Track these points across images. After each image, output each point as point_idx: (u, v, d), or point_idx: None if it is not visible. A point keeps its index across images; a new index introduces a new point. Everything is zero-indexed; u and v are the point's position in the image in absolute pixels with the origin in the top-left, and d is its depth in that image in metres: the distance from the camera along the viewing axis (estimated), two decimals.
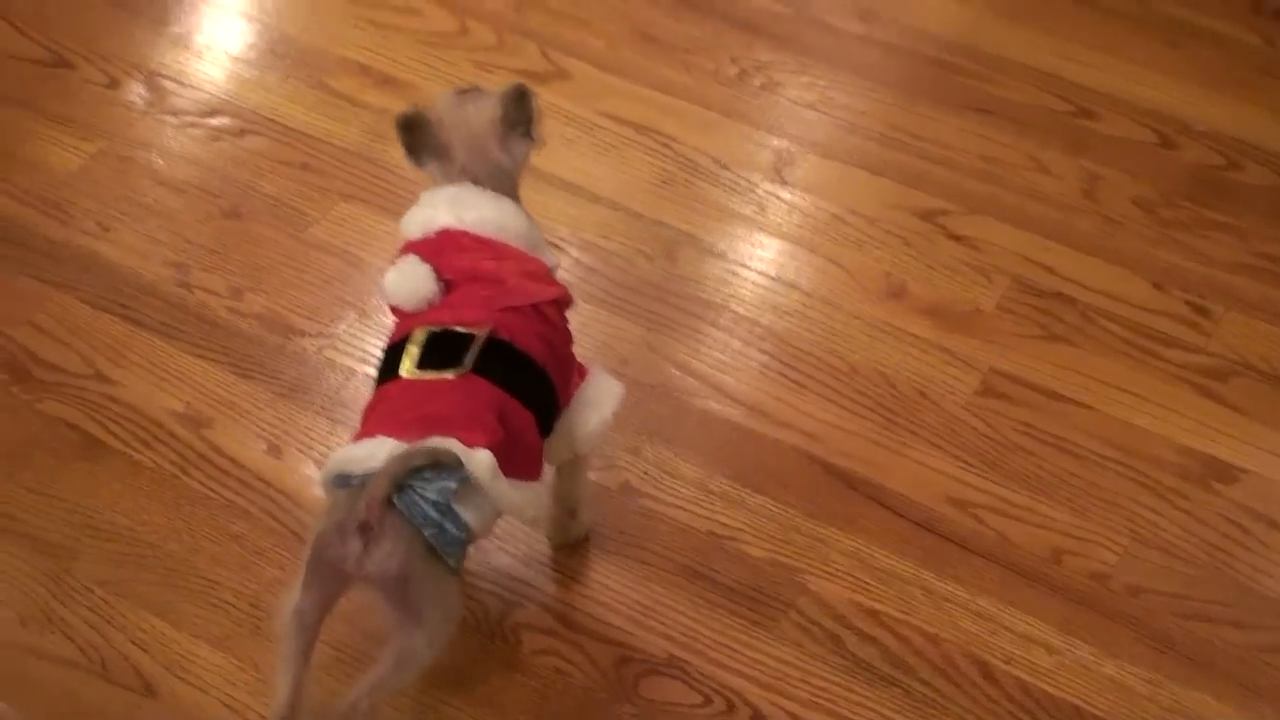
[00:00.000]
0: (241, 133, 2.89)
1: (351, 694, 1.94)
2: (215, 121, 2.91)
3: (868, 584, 2.32)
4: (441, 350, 2.02)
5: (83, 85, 2.97)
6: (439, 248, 2.12)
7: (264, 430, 2.46)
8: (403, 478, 1.89)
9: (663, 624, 2.27)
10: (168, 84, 2.98)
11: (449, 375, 1.99)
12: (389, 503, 1.89)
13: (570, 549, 2.32)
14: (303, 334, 2.58)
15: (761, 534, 2.37)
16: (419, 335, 2.04)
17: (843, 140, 2.92)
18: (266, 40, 3.06)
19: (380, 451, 1.94)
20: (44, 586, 2.27)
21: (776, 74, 3.04)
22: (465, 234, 2.13)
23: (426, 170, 2.16)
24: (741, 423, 2.49)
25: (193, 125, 2.90)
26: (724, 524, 2.38)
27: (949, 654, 2.25)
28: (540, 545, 2.33)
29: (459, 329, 2.03)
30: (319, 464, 2.40)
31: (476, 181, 2.15)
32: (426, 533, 1.91)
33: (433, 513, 1.91)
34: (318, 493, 2.26)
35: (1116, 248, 2.77)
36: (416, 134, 2.13)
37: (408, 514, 1.90)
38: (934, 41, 3.12)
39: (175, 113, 2.93)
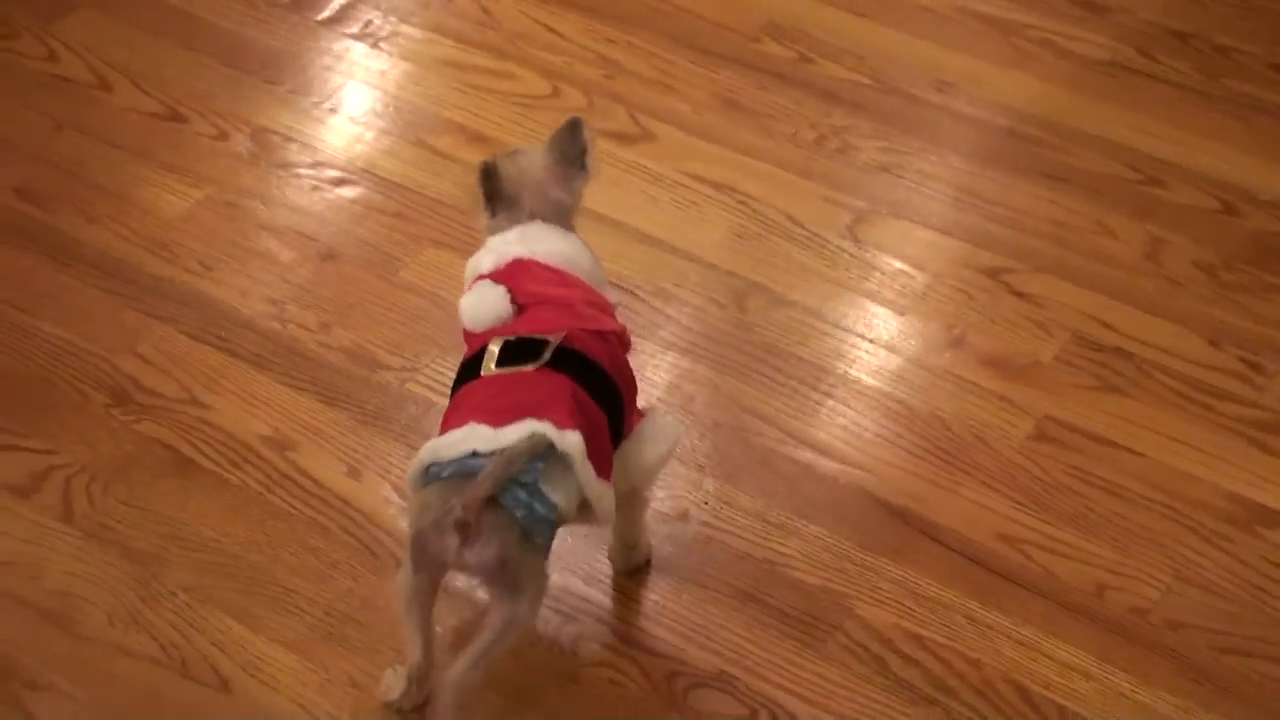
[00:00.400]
0: (341, 183, 3.04)
1: (461, 662, 2.07)
2: (317, 173, 3.06)
3: (914, 611, 2.40)
4: (518, 351, 2.15)
5: (194, 138, 3.13)
6: (511, 274, 2.24)
7: (345, 454, 2.58)
8: (504, 483, 2.00)
9: (714, 642, 2.36)
10: (274, 138, 3.13)
11: (528, 368, 2.10)
12: (488, 502, 1.99)
13: (630, 573, 2.41)
14: (386, 367, 2.70)
15: (814, 562, 2.46)
16: (496, 343, 2.16)
17: (913, 202, 3.03)
18: (369, 99, 3.21)
19: (472, 437, 2.05)
20: (132, 590, 2.40)
21: (852, 138, 3.15)
22: (536, 263, 2.24)
23: (497, 218, 2.27)
24: (801, 459, 2.59)
25: (295, 176, 3.05)
26: (779, 552, 2.47)
27: (990, 678, 2.33)
28: (601, 565, 2.43)
29: (533, 336, 2.14)
30: (395, 487, 2.52)
31: (544, 220, 2.27)
32: (518, 514, 2.02)
33: (522, 494, 2.02)
34: (393, 512, 2.39)
35: (1176, 307, 2.85)
36: (493, 183, 2.25)
37: (500, 497, 2.01)
38: (1008, 112, 3.22)
39: (280, 165, 3.08)
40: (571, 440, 2.03)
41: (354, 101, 3.20)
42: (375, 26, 3.39)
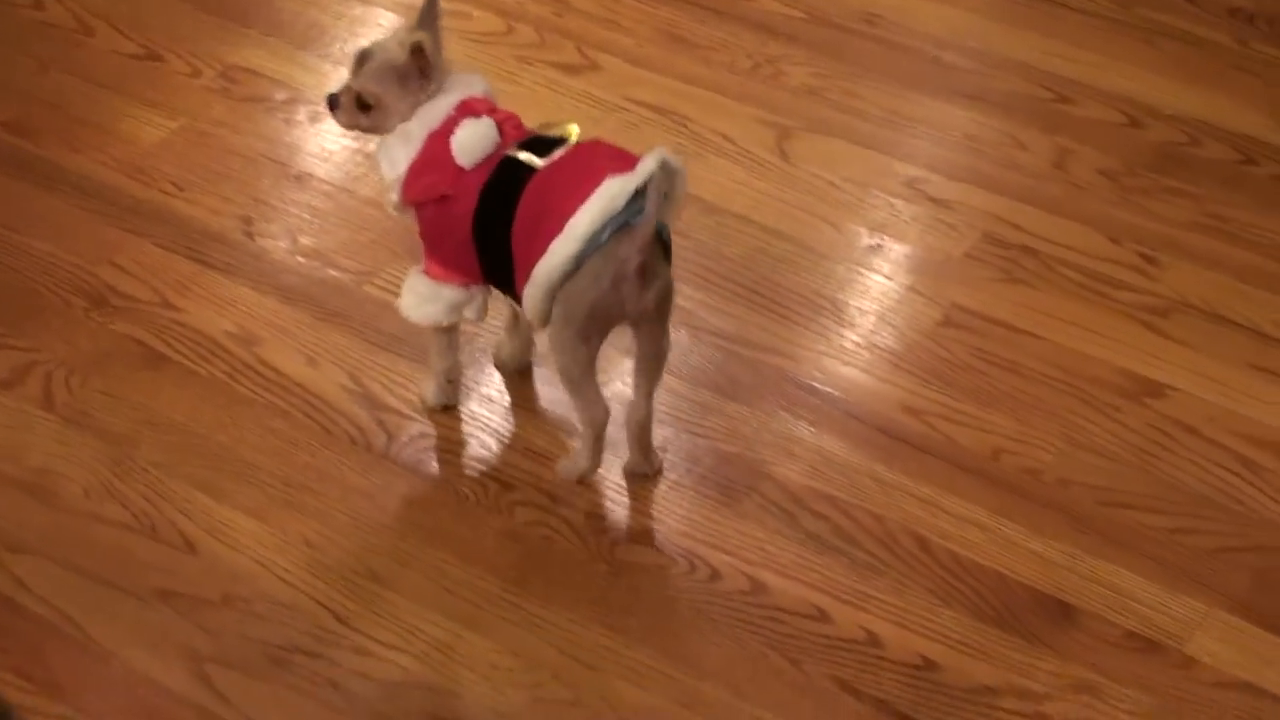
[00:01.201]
0: (306, 114, 3.24)
1: (643, 401, 2.50)
2: (284, 105, 3.26)
3: (824, 473, 2.59)
4: (544, 144, 2.40)
5: (170, 75, 3.33)
6: (472, 108, 2.44)
7: (305, 347, 2.78)
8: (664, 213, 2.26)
9: (639, 504, 2.55)
10: (244, 74, 3.33)
11: (562, 152, 2.37)
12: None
13: (562, 442, 2.64)
14: (345, 271, 2.90)
15: (734, 435, 2.65)
16: (516, 148, 2.42)
17: (839, 121, 3.22)
18: (333, 39, 3.41)
19: (616, 191, 2.28)
20: (106, 467, 2.60)
21: (785, 66, 3.34)
22: (479, 98, 2.45)
23: (430, 88, 2.47)
24: (725, 347, 2.78)
25: (265, 108, 3.25)
26: (701, 425, 2.66)
27: (891, 530, 2.52)
28: (538, 439, 2.63)
29: (541, 135, 2.43)
30: (351, 375, 2.73)
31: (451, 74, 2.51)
32: (664, 235, 2.31)
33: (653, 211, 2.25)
34: (347, 396, 2.67)
35: (1080, 209, 3.04)
36: (428, 55, 2.44)
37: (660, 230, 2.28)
38: (931, 41, 3.41)
39: (250, 98, 3.28)
40: (662, 151, 2.26)
41: (320, 41, 3.40)
42: None
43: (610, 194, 2.29)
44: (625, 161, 2.31)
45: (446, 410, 2.64)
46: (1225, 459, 2.60)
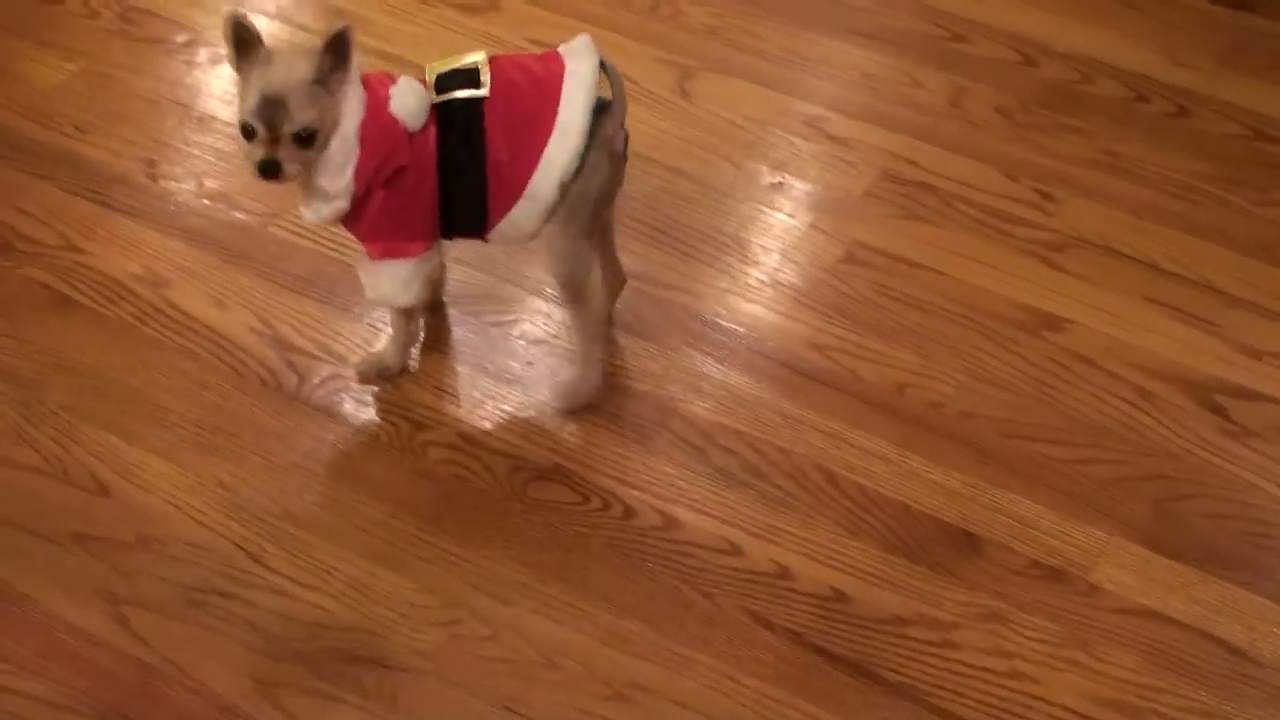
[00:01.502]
0: (208, 57, 3.22)
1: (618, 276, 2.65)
2: (185, 47, 3.23)
3: (732, 409, 2.62)
4: (462, 76, 2.42)
5: (68, 16, 3.30)
6: (370, 81, 2.43)
7: (212, 289, 2.77)
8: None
9: (552, 442, 2.57)
10: (141, 16, 3.31)
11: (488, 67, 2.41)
12: None
13: (473, 380, 2.66)
14: (250, 212, 2.89)
15: (643, 373, 2.67)
16: (435, 92, 2.42)
17: (739, 60, 3.24)
18: None
19: (584, 83, 2.42)
20: (15, 411, 2.58)
21: (683, 6, 3.36)
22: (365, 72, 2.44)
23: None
24: (631, 285, 2.79)
25: (166, 50, 3.23)
26: (612, 364, 2.68)
27: (799, 464, 2.55)
28: (449, 378, 2.64)
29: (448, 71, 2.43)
30: (259, 316, 2.72)
31: None
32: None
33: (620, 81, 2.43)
34: (255, 337, 2.66)
35: (977, 146, 3.07)
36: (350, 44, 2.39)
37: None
38: None
39: (150, 40, 3.25)
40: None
41: None
42: None
43: (585, 84, 2.38)
44: (554, 59, 2.40)
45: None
46: (1122, 390, 2.65)
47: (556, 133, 2.38)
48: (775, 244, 2.85)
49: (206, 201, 2.89)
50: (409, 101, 2.37)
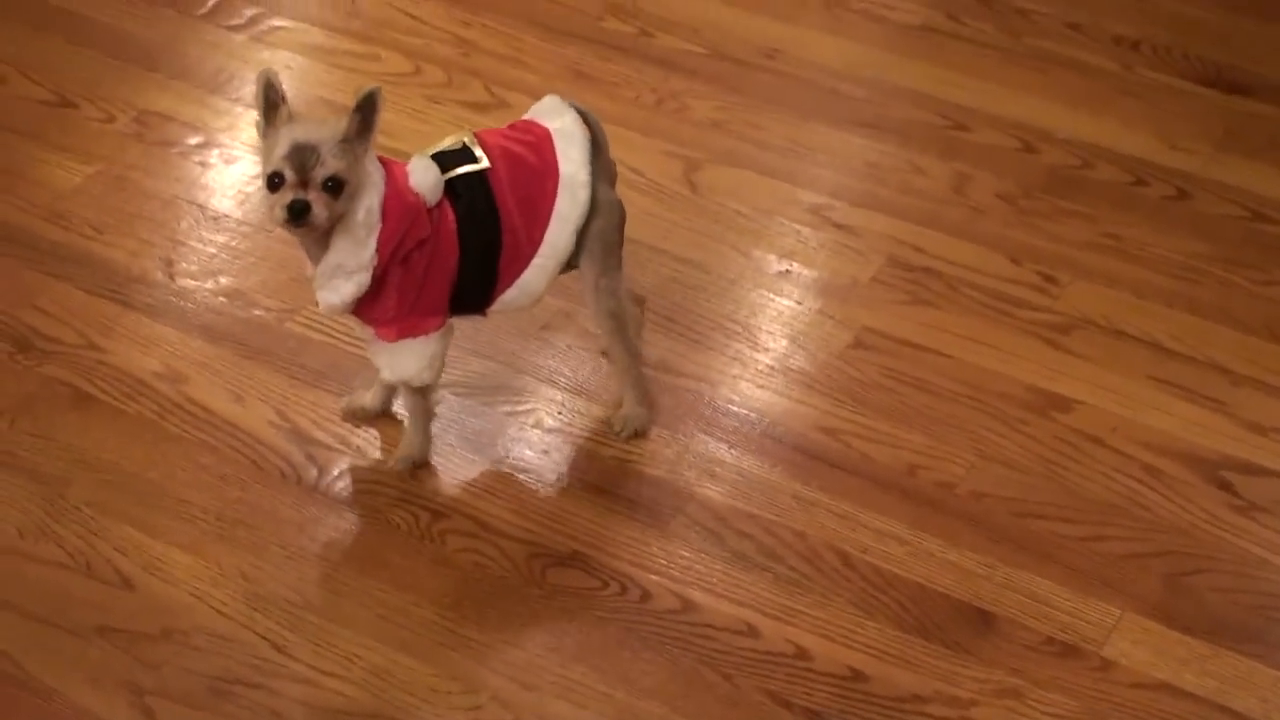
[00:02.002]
0: (220, 155, 3.27)
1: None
2: (197, 147, 3.28)
3: (747, 493, 2.65)
4: (458, 154, 2.53)
5: (83, 121, 3.35)
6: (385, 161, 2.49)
7: (231, 384, 2.80)
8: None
9: (569, 528, 2.59)
10: (156, 119, 3.35)
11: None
12: None
13: (489, 469, 2.69)
14: (267, 309, 2.93)
15: (658, 458, 2.70)
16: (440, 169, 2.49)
17: (744, 151, 3.28)
18: (243, 82, 3.44)
19: (574, 136, 2.55)
20: (39, 507, 2.61)
21: (688, 100, 3.41)
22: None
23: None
24: (645, 373, 2.82)
25: (178, 151, 3.28)
26: (626, 450, 2.71)
27: (814, 546, 2.57)
28: (465, 468, 2.67)
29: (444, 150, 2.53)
30: (278, 410, 2.75)
31: None
32: None
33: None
34: (274, 431, 2.69)
35: (980, 231, 3.11)
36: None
37: None
38: (829, 73, 3.49)
39: (163, 142, 3.30)
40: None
41: (230, 85, 3.43)
42: (249, 19, 3.62)
43: (575, 138, 2.53)
44: (533, 124, 2.55)
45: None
46: (1131, 468, 2.67)
47: (563, 190, 2.50)
48: (784, 330, 2.88)
49: (223, 299, 2.93)
50: (427, 177, 2.44)
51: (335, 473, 2.64)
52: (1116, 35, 3.59)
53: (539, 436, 2.69)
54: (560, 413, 2.75)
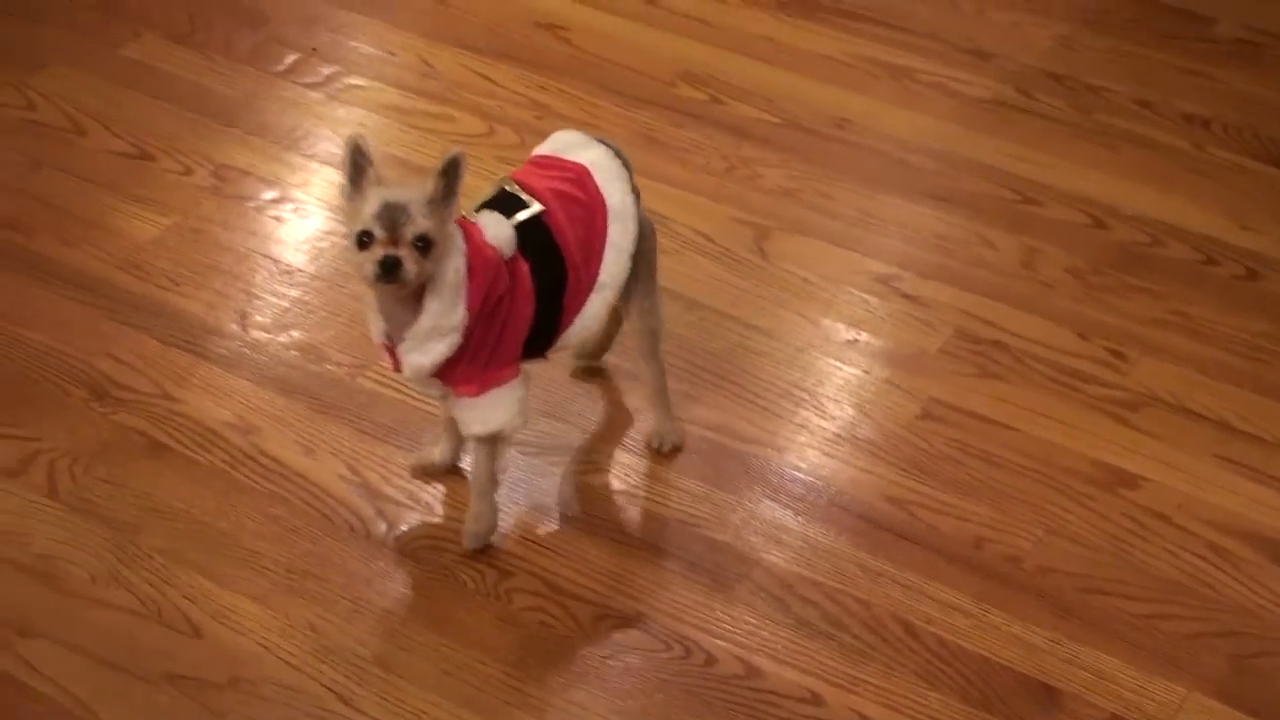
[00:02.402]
0: (295, 210, 3.30)
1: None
2: (273, 201, 3.31)
3: (812, 561, 2.65)
4: (507, 200, 2.56)
5: (161, 173, 3.38)
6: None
7: (302, 437, 2.82)
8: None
9: (634, 589, 2.60)
10: (234, 173, 3.39)
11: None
12: None
13: (556, 529, 2.70)
14: (339, 364, 2.95)
15: (724, 522, 2.71)
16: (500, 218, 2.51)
17: (814, 220, 3.30)
18: (319, 138, 3.48)
19: (613, 170, 2.64)
20: (111, 554, 2.63)
21: (759, 168, 3.42)
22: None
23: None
24: (711, 438, 2.84)
25: (254, 205, 3.31)
26: (691, 514, 2.72)
27: (878, 615, 2.58)
28: (533, 527, 2.68)
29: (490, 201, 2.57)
30: (348, 464, 2.77)
31: None
32: None
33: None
34: (345, 485, 2.71)
35: (1048, 306, 3.12)
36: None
37: None
38: (899, 144, 3.50)
39: (240, 196, 3.33)
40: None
41: (306, 141, 3.46)
42: (325, 77, 3.65)
43: (611, 170, 2.61)
44: (562, 161, 2.61)
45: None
46: (1197, 546, 2.67)
47: (614, 221, 2.57)
48: (851, 399, 2.89)
49: (295, 352, 2.95)
50: (503, 230, 2.48)
51: (404, 528, 2.65)
52: (1187, 114, 3.59)
53: (606, 498, 2.71)
54: (627, 475, 2.76)
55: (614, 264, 2.61)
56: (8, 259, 3.15)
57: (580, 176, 2.58)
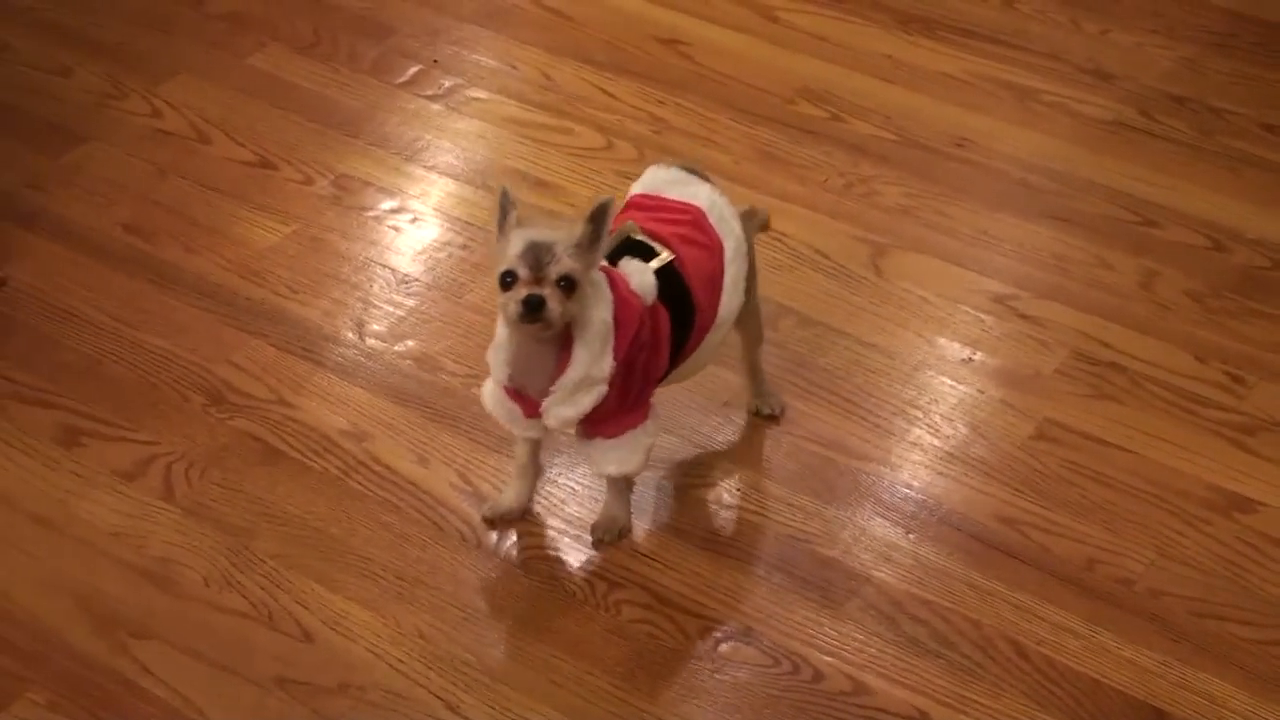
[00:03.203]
0: (414, 220, 3.33)
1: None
2: (392, 212, 3.34)
3: (922, 579, 2.64)
4: (638, 246, 2.58)
5: (283, 182, 3.42)
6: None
7: (415, 446, 2.84)
8: None
9: (743, 604, 2.60)
10: (354, 182, 3.42)
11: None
12: None
13: (666, 541, 2.70)
14: (453, 374, 2.97)
15: (834, 539, 2.70)
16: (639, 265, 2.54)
17: (931, 239, 3.28)
18: (439, 150, 3.50)
19: (720, 210, 2.69)
20: (225, 558, 2.65)
21: (877, 185, 3.41)
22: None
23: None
24: (824, 454, 2.83)
25: (374, 215, 3.33)
26: (802, 530, 2.71)
27: (988, 635, 2.56)
28: (643, 539, 2.69)
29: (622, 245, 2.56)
30: (460, 474, 2.79)
31: None
32: None
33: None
34: (458, 495, 2.73)
35: (1166, 328, 3.09)
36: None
37: None
38: (1019, 164, 3.48)
39: (359, 206, 3.36)
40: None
41: (426, 152, 3.48)
42: (446, 89, 3.67)
43: (722, 208, 2.66)
44: (671, 202, 2.62)
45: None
46: None
47: (731, 262, 2.59)
48: (965, 418, 2.87)
49: (410, 361, 2.97)
50: (646, 279, 2.49)
51: (514, 538, 2.66)
52: None
53: (716, 512, 2.70)
54: (738, 489, 2.76)
55: (731, 300, 2.62)
56: (132, 264, 3.18)
57: (697, 220, 2.59)
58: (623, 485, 2.64)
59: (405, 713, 2.42)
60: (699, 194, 2.62)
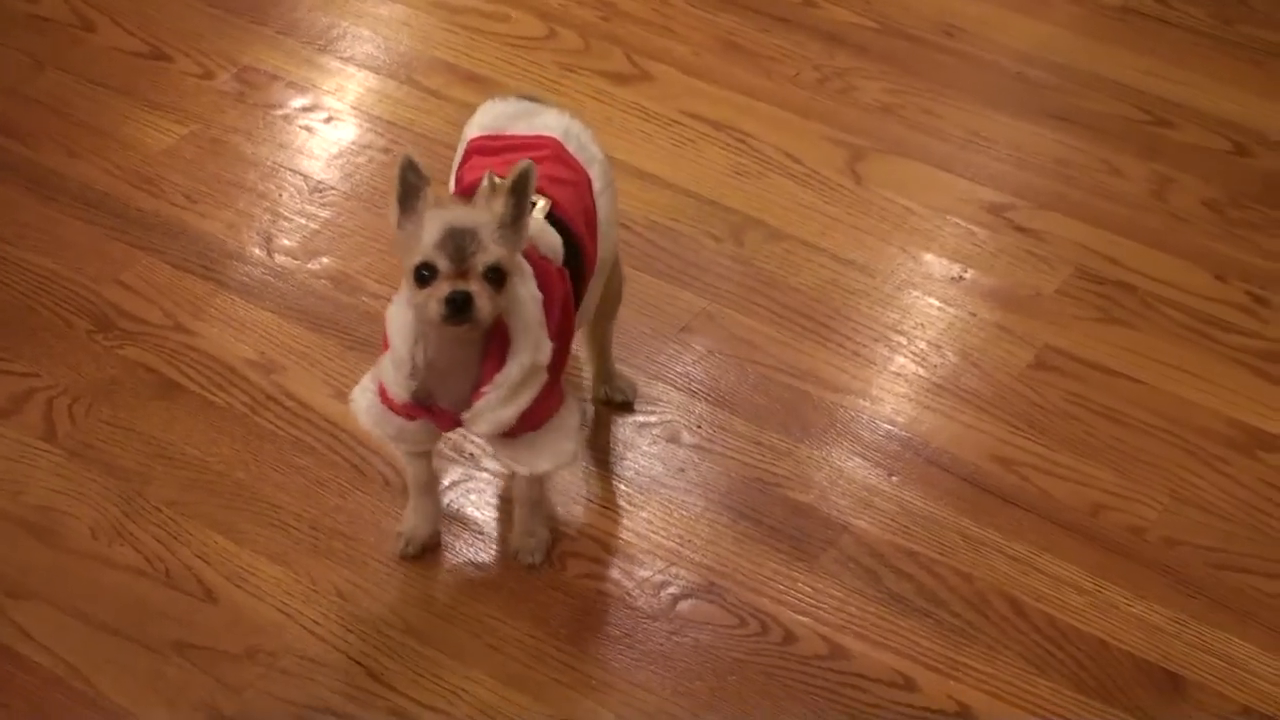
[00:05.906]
0: (328, 120, 3.29)
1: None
2: (304, 110, 3.30)
3: (907, 528, 2.62)
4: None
5: (179, 76, 3.37)
6: None
7: (332, 378, 2.81)
8: None
9: (705, 556, 2.58)
10: (261, 77, 3.37)
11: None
12: None
13: (617, 489, 2.67)
14: (375, 295, 2.93)
15: (808, 482, 2.68)
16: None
17: (916, 141, 3.26)
18: (358, 40, 3.46)
19: (579, 138, 2.55)
20: (115, 505, 2.62)
21: (855, 80, 3.39)
22: None
23: None
24: (797, 386, 2.81)
25: (283, 114, 3.29)
26: (771, 472, 2.69)
27: (982, 591, 2.55)
28: (592, 485, 2.66)
29: None
30: None
31: None
32: None
33: None
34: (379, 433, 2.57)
35: (1182, 243, 3.08)
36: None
37: None
38: (1016, 56, 3.46)
39: (267, 104, 3.32)
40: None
41: (342, 42, 3.44)
42: None
43: (583, 134, 2.53)
44: (523, 138, 2.48)
45: None
46: None
47: (601, 195, 2.49)
48: (956, 345, 2.86)
49: (326, 281, 2.94)
50: (552, 238, 2.39)
51: (445, 483, 2.64)
52: None
53: (673, 452, 2.68)
54: (699, 426, 2.74)
55: (608, 240, 2.51)
56: (7, 170, 3.16)
57: (557, 153, 2.45)
58: (538, 491, 2.56)
59: (321, 681, 2.40)
60: (549, 122, 2.48)
